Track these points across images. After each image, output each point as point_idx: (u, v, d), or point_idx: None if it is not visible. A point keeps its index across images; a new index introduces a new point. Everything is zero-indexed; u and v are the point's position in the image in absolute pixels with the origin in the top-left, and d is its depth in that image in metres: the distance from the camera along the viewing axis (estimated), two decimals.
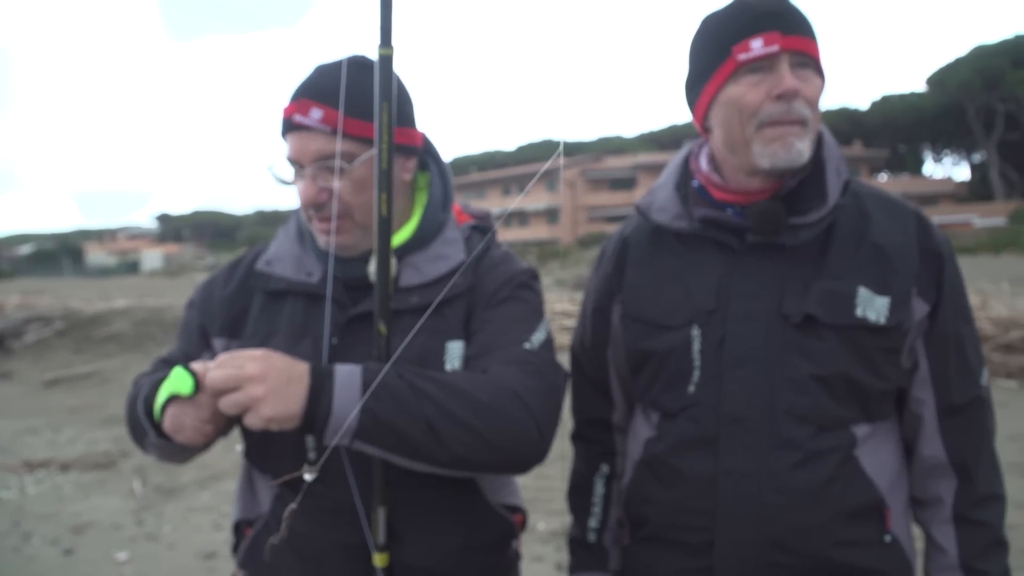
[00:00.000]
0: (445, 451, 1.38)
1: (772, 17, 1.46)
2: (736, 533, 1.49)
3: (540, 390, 1.47)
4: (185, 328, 1.72)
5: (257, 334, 1.59)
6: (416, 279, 1.56)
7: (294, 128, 1.51)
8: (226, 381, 1.30)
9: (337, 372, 1.36)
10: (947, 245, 1.55)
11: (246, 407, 1.31)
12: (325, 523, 1.54)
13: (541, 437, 1.45)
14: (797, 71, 1.46)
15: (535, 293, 1.65)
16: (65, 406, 10.00)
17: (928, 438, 1.55)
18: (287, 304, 1.60)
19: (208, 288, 1.72)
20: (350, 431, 1.34)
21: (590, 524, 1.79)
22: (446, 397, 1.39)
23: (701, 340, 1.54)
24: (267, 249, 1.69)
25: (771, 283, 1.52)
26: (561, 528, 5.00)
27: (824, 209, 1.51)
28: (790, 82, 1.44)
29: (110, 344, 13.53)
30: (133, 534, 5.38)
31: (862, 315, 1.47)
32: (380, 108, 1.40)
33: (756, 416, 1.49)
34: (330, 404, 1.33)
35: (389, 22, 1.39)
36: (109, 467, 7.09)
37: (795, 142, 1.47)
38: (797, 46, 1.45)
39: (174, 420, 1.38)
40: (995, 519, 1.54)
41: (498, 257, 1.65)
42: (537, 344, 1.53)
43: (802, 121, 1.47)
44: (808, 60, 1.47)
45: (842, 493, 1.47)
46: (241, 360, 1.33)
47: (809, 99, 1.47)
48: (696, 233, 1.59)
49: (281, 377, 1.32)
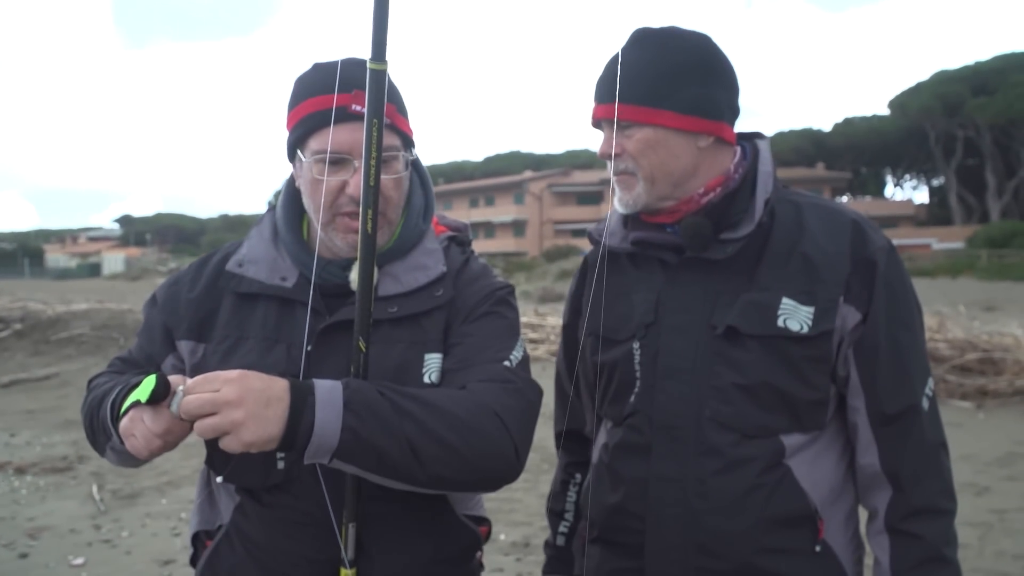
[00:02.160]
0: (424, 471, 1.36)
1: (598, 87, 1.65)
2: (664, 536, 1.55)
3: (518, 409, 1.46)
4: (147, 328, 1.66)
5: (227, 338, 1.56)
6: (395, 288, 1.55)
7: (349, 119, 1.47)
8: (202, 407, 1.23)
9: (317, 389, 1.30)
10: (885, 252, 1.56)
11: (224, 432, 1.23)
12: (291, 535, 1.51)
13: (517, 457, 1.45)
14: (621, 132, 1.61)
15: (513, 309, 1.65)
16: (22, 409, 9.81)
17: (864, 447, 1.57)
18: (259, 308, 1.57)
19: (174, 288, 1.66)
20: (330, 450, 1.30)
21: (560, 529, 1.91)
22: (427, 416, 1.36)
23: (641, 353, 1.62)
24: (239, 250, 1.64)
25: (703, 296, 1.59)
26: (523, 540, 5.04)
27: (751, 225, 1.58)
28: (601, 149, 1.65)
29: (69, 347, 13.32)
30: (90, 539, 5.31)
31: (783, 325, 1.52)
32: (370, 125, 1.37)
33: (684, 424, 1.55)
34: (311, 423, 1.27)
35: (384, 36, 1.36)
36: (66, 471, 6.98)
37: (624, 194, 1.65)
38: (604, 115, 1.62)
39: (129, 424, 1.32)
40: (933, 533, 1.51)
41: (477, 270, 1.66)
42: (515, 362, 1.53)
43: (628, 172, 1.62)
44: (623, 122, 1.60)
45: (767, 500, 1.52)
46: (217, 383, 1.25)
47: (631, 152, 1.60)
48: (641, 252, 1.68)
49: (260, 399, 1.24)
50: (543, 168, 75.31)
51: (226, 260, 1.64)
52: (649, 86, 1.57)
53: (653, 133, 1.58)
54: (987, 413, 8.63)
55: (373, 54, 1.36)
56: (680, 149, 1.60)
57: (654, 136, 1.58)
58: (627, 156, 1.61)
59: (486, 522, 1.75)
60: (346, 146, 1.48)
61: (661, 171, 1.60)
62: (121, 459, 1.52)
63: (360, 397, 1.32)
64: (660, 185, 1.61)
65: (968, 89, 57.16)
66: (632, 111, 1.58)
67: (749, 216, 1.59)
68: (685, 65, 1.58)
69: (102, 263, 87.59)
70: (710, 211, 1.61)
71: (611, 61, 1.63)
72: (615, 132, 1.61)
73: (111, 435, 1.44)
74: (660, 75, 1.58)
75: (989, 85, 56.51)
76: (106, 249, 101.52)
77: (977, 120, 56.09)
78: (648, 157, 1.59)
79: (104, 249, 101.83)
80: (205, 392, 1.24)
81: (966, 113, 56.35)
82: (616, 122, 1.60)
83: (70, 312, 15.01)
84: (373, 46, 1.36)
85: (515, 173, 73.26)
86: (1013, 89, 53.66)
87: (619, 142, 1.61)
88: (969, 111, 55.84)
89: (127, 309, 15.92)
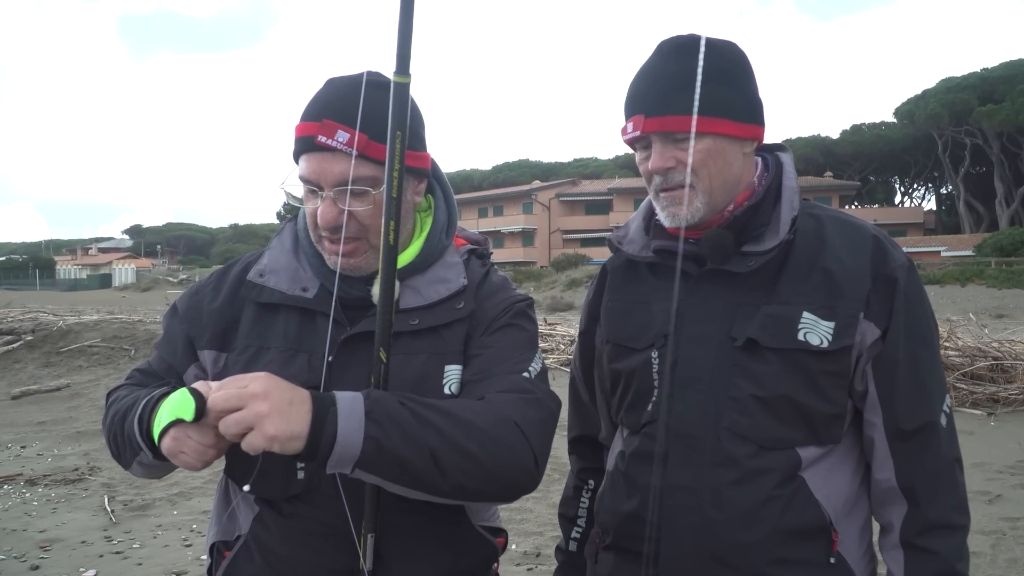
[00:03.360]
0: (447, 481, 1.36)
1: (639, 100, 1.59)
2: (679, 545, 1.55)
3: (537, 420, 1.47)
4: (168, 339, 1.66)
5: (249, 347, 1.56)
6: (416, 301, 1.56)
7: (316, 149, 1.48)
8: (228, 400, 1.25)
9: (339, 399, 1.31)
10: (904, 269, 1.57)
11: (250, 425, 1.24)
12: (310, 545, 1.51)
13: (537, 467, 1.46)
14: (674, 144, 1.56)
15: (532, 322, 1.66)
16: (33, 420, 9.85)
17: (881, 462, 1.57)
18: (280, 318, 1.57)
19: (195, 298, 1.66)
20: (353, 459, 1.30)
21: (572, 535, 1.92)
22: (449, 426, 1.36)
23: (659, 362, 1.62)
24: (260, 260, 1.65)
25: (723, 308, 1.59)
26: (534, 549, 5.03)
27: (775, 240, 1.58)
28: (654, 163, 1.58)
29: (80, 358, 13.37)
30: (101, 550, 5.32)
31: (803, 339, 1.53)
32: (393, 137, 1.37)
33: (701, 434, 1.55)
34: (334, 433, 1.28)
35: (408, 50, 1.34)
36: (77, 483, 7.01)
37: (679, 209, 1.58)
38: (658, 128, 1.56)
39: (175, 443, 1.32)
40: (946, 549, 1.52)
41: (497, 283, 1.67)
42: (534, 373, 1.55)
43: (682, 186, 1.57)
44: (678, 134, 1.55)
45: (783, 512, 1.52)
46: (243, 380, 1.28)
47: (694, 164, 1.56)
48: (661, 262, 1.68)
49: (284, 396, 1.27)
50: (551, 177, 75.40)
51: (247, 270, 1.64)
52: (703, 96, 1.54)
53: (713, 143, 1.56)
54: (998, 420, 8.58)
55: (397, 67, 1.35)
56: (734, 156, 1.59)
57: (714, 146, 1.56)
58: (682, 168, 1.56)
59: (503, 533, 1.75)
60: (313, 176, 1.50)
61: (719, 180, 1.58)
62: (149, 472, 1.54)
63: (381, 407, 1.33)
64: (717, 196, 1.59)
65: (975, 96, 56.98)
66: (687, 121, 1.53)
67: (773, 230, 1.59)
68: (729, 71, 1.58)
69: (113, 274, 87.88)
70: (732, 223, 1.61)
71: (648, 73, 1.60)
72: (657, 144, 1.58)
73: (139, 450, 1.44)
74: (711, 81, 1.54)
75: (996, 93, 56.35)
76: (116, 260, 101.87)
77: (984, 127, 55.94)
78: (709, 168, 1.57)
79: (115, 260, 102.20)
80: (232, 387, 1.27)
81: (973, 121, 56.20)
82: (669, 135, 1.56)
83: (81, 323, 15.09)
84: (398, 59, 1.35)
85: (523, 182, 73.31)
86: (1020, 97, 53.50)
87: (673, 155, 1.57)
88: (976, 119, 55.70)
89: (138, 320, 16.00)
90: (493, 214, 67.76)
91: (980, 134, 57.16)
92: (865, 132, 67.26)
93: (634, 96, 1.60)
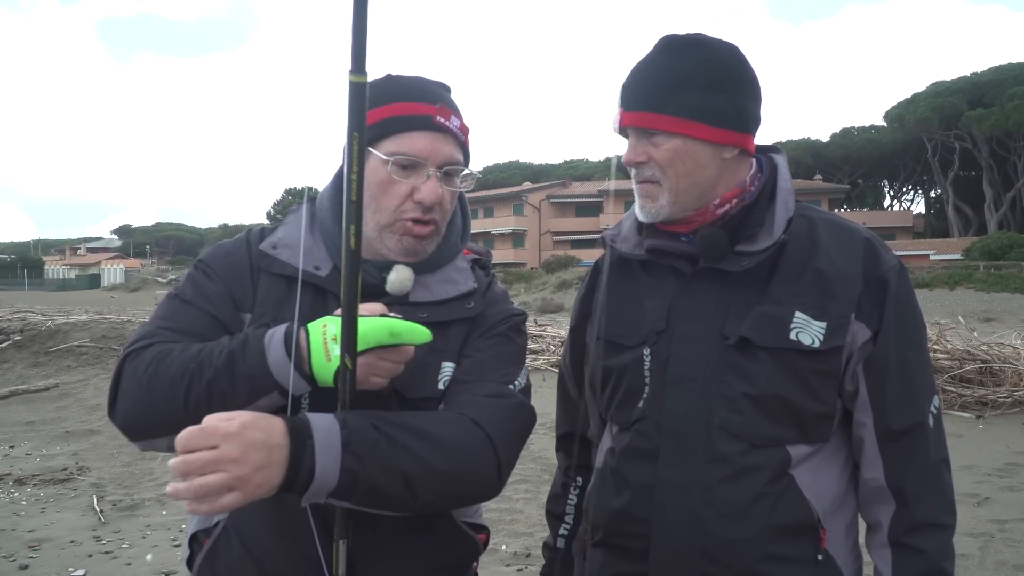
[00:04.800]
0: (416, 500, 1.38)
1: (624, 93, 1.63)
2: (669, 542, 1.56)
3: (510, 434, 1.50)
4: (204, 296, 1.58)
5: (265, 315, 1.55)
6: (426, 297, 1.60)
7: (433, 128, 1.54)
8: (204, 467, 1.18)
9: (315, 431, 1.28)
10: (895, 271, 1.59)
11: (228, 488, 1.20)
12: (290, 533, 1.51)
13: (499, 480, 1.48)
14: (648, 140, 1.60)
15: (524, 337, 1.70)
16: (21, 420, 9.79)
17: (869, 461, 1.59)
18: (293, 292, 1.54)
19: (228, 259, 1.63)
20: (327, 492, 1.30)
21: (560, 532, 1.93)
22: (422, 447, 1.38)
23: (651, 359, 1.64)
24: (274, 232, 1.65)
25: (716, 306, 1.61)
26: (524, 550, 5.00)
27: (769, 240, 1.59)
28: (626, 156, 1.63)
29: (68, 358, 13.31)
30: (90, 550, 5.30)
31: (795, 339, 1.54)
32: (351, 139, 1.32)
33: (692, 431, 1.57)
34: (312, 469, 1.26)
35: (363, 48, 1.31)
36: (66, 483, 6.98)
37: (647, 203, 1.64)
38: (631, 122, 1.61)
39: (367, 371, 1.37)
40: (933, 548, 1.55)
41: (499, 293, 1.72)
42: (518, 388, 1.58)
43: (653, 181, 1.61)
44: (650, 130, 1.59)
45: (772, 509, 1.53)
46: (215, 437, 1.20)
47: (658, 161, 1.59)
48: (654, 260, 1.69)
49: (262, 452, 1.22)
50: (541, 179, 75.50)
51: (258, 240, 1.65)
52: (681, 97, 1.56)
53: (683, 144, 1.58)
54: (987, 423, 8.63)
55: (353, 66, 1.30)
56: (707, 160, 1.60)
57: (683, 147, 1.58)
58: (653, 165, 1.60)
59: (484, 530, 1.76)
60: (424, 152, 1.54)
61: (687, 182, 1.60)
62: None
63: (359, 438, 1.32)
64: (684, 196, 1.61)
65: (964, 101, 57.32)
66: (662, 120, 1.57)
67: (767, 230, 1.60)
68: (717, 76, 1.59)
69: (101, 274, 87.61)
70: (726, 222, 1.62)
71: (640, 66, 1.63)
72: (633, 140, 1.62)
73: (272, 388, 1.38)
74: (692, 85, 1.57)
75: (986, 97, 56.71)
76: (105, 260, 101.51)
77: (973, 132, 56.27)
78: (676, 167, 1.59)
79: (103, 260, 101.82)
80: (204, 451, 1.19)
81: (962, 125, 56.53)
82: (643, 130, 1.60)
83: (69, 323, 15.02)
84: (353, 57, 1.31)
85: (514, 184, 73.39)
86: (1010, 101, 53.83)
87: (645, 150, 1.60)
88: (965, 123, 56.02)
89: (127, 320, 15.93)
90: (483, 215, 67.78)
91: (969, 138, 57.51)
92: (855, 136, 67.60)
93: (622, 89, 1.64)
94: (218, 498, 1.20)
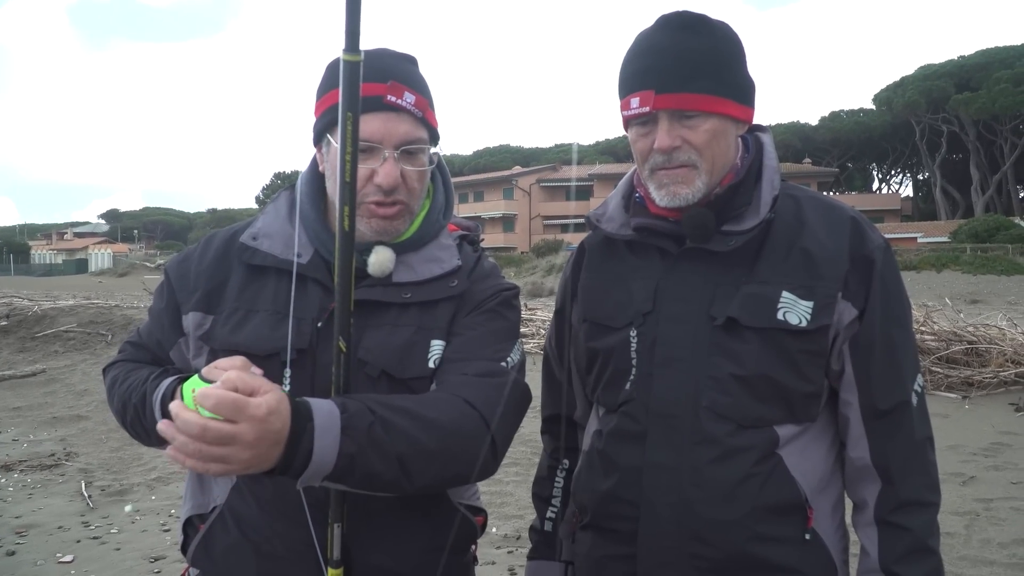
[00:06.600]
0: (411, 483, 1.37)
1: (649, 74, 1.54)
2: (658, 524, 1.56)
3: (504, 413, 1.48)
4: (156, 313, 1.67)
5: (238, 310, 1.56)
6: (409, 277, 1.58)
7: (384, 108, 1.51)
8: (219, 439, 1.17)
9: (316, 415, 1.27)
10: (882, 251, 1.58)
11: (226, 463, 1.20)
12: (288, 516, 1.51)
13: (495, 459, 1.48)
14: (680, 123, 1.54)
15: (516, 311, 1.68)
16: (9, 406, 9.75)
17: (855, 440, 1.59)
18: (270, 281, 1.58)
19: (183, 263, 1.67)
20: (324, 475, 1.29)
21: (547, 515, 1.91)
22: (417, 429, 1.37)
23: (637, 340, 1.62)
24: (252, 224, 1.65)
25: (703, 287, 1.60)
26: (514, 532, 5.05)
27: (756, 219, 1.58)
28: (662, 142, 1.54)
29: (56, 343, 13.24)
30: (78, 536, 5.29)
31: (783, 318, 1.54)
32: (344, 119, 1.31)
33: (680, 413, 1.56)
34: (309, 451, 1.26)
35: (357, 26, 1.29)
36: (54, 468, 6.96)
37: (681, 188, 1.56)
38: (670, 104, 1.52)
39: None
40: (919, 525, 1.55)
41: (488, 268, 1.70)
42: (511, 364, 1.56)
43: (688, 165, 1.56)
44: (688, 112, 1.53)
45: (760, 489, 1.53)
46: (242, 414, 1.18)
47: (695, 144, 1.54)
48: (640, 240, 1.67)
49: (270, 441, 1.21)
50: (532, 163, 75.35)
51: (236, 234, 1.65)
52: (712, 73, 1.52)
53: (719, 123, 1.55)
54: (973, 404, 8.69)
55: (347, 45, 1.29)
56: (733, 138, 1.59)
57: (720, 127, 1.55)
58: (688, 148, 1.55)
59: (483, 512, 1.76)
60: (378, 135, 1.51)
61: (721, 162, 1.58)
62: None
63: (357, 422, 1.31)
64: (716, 178, 1.59)
65: (952, 84, 57.50)
66: (704, 101, 1.53)
67: (753, 210, 1.59)
68: (735, 52, 1.57)
69: (89, 259, 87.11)
70: (713, 202, 1.61)
71: (655, 47, 1.56)
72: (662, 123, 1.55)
73: None
74: (720, 62, 1.53)
75: (973, 80, 56.85)
76: (93, 245, 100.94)
77: (961, 115, 56.43)
78: (712, 149, 1.55)
79: (91, 245, 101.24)
80: (224, 424, 1.18)
81: (950, 108, 56.67)
82: (678, 112, 1.53)
83: (57, 308, 14.94)
84: (347, 35, 1.29)
85: (504, 168, 73.24)
86: (996, 85, 54.00)
87: (679, 133, 1.54)
88: (953, 106, 56.17)
89: (115, 305, 15.86)
90: (473, 200, 67.68)
91: (957, 121, 57.72)
92: (844, 119, 67.68)
93: (642, 71, 1.55)
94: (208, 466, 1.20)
